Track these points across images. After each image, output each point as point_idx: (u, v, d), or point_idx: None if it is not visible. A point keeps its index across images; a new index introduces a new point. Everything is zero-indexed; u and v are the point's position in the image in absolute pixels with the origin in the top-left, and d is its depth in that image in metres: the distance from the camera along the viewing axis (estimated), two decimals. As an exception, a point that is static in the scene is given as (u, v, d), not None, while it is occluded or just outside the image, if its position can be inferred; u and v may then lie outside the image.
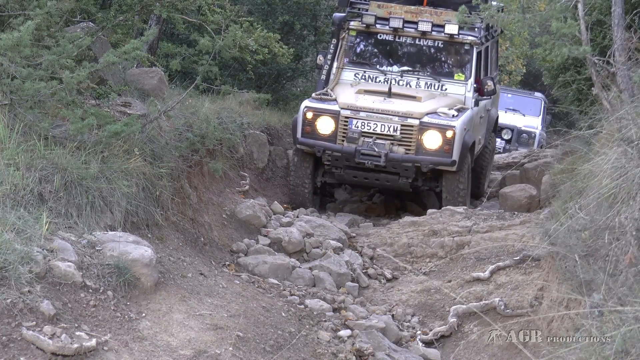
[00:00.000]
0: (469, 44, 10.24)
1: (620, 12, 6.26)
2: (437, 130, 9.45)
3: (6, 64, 5.88)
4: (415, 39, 10.34)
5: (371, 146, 9.40)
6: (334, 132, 9.58)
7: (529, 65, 24.68)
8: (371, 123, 9.49)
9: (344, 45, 10.43)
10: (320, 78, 10.39)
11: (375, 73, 10.31)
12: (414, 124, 9.44)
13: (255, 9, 15.01)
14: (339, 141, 9.54)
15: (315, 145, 9.59)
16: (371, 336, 6.43)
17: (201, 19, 9.10)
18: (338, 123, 9.58)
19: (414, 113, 9.50)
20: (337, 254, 8.12)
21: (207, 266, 6.91)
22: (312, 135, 9.63)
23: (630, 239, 4.37)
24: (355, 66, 10.39)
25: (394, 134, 9.45)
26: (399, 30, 10.29)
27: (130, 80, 8.39)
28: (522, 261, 7.37)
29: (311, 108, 9.73)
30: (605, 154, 5.13)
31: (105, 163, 6.32)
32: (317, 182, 10.07)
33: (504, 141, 17.12)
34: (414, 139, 9.44)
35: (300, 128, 9.67)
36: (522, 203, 9.99)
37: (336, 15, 10.63)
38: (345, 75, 10.35)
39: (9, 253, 4.75)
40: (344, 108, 9.61)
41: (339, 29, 10.44)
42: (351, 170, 9.66)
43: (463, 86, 10.18)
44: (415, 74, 10.24)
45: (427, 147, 9.46)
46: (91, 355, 4.66)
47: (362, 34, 10.49)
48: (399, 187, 9.81)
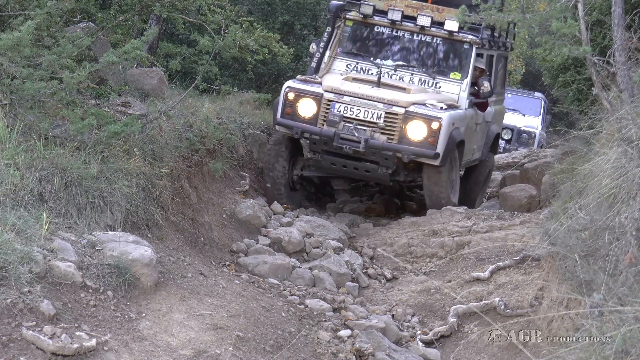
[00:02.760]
0: (469, 43, 9.83)
1: (620, 12, 6.26)
2: (423, 121, 8.98)
3: (6, 64, 5.88)
4: (413, 34, 9.95)
5: (351, 131, 8.99)
6: (315, 116, 9.15)
7: (529, 65, 24.68)
8: (354, 108, 9.06)
9: (339, 35, 10.03)
10: (310, 66, 10.00)
11: (368, 65, 9.89)
12: (399, 112, 9.01)
13: (255, 9, 15.03)
14: (320, 125, 9.12)
15: (294, 127, 9.15)
16: (371, 336, 6.43)
17: (201, 19, 9.12)
18: (320, 106, 9.15)
19: (400, 101, 9.08)
20: (337, 254, 8.12)
21: (207, 266, 6.91)
22: (293, 117, 9.21)
23: (630, 239, 4.37)
24: (348, 57, 9.99)
25: (377, 122, 9.02)
26: (397, 23, 9.90)
27: (130, 80, 8.39)
28: (522, 261, 7.37)
29: (293, 89, 9.32)
30: (605, 154, 5.13)
31: (105, 163, 6.32)
32: (294, 175, 9.71)
33: (504, 141, 17.12)
34: (397, 128, 9.01)
35: (280, 109, 9.26)
36: (522, 203, 9.99)
37: (333, 3, 10.22)
38: (337, 65, 9.97)
39: (9, 253, 4.75)
40: (328, 91, 9.20)
41: (334, 17, 10.05)
42: (329, 157, 9.22)
43: (458, 85, 9.76)
44: (410, 70, 9.85)
45: (411, 137, 9.00)
46: (91, 355, 4.66)
47: (359, 25, 10.07)
48: (378, 178, 9.40)
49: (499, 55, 10.94)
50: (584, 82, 8.93)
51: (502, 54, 11.17)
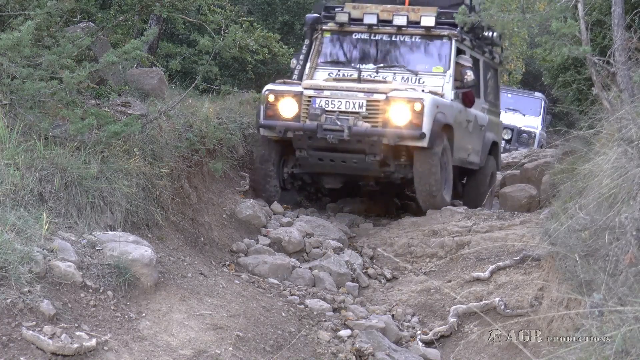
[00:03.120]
0: (447, 37, 9.70)
1: (620, 12, 6.26)
2: (405, 103, 8.81)
3: (6, 64, 5.88)
4: (392, 35, 9.86)
5: (334, 121, 8.82)
6: (298, 115, 9.04)
7: (529, 65, 24.68)
8: (335, 101, 8.94)
9: (317, 46, 10.01)
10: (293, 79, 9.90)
11: (350, 71, 9.75)
12: (380, 98, 8.85)
13: (255, 9, 15.03)
14: (302, 122, 9.01)
15: (277, 126, 9.05)
16: (371, 336, 6.43)
17: (201, 19, 9.12)
18: (301, 104, 9.04)
19: (381, 89, 8.98)
20: (337, 254, 8.12)
21: (207, 266, 6.91)
22: (275, 119, 9.11)
23: (630, 239, 4.37)
24: (329, 65, 9.94)
25: (360, 110, 8.85)
26: (374, 27, 9.82)
27: (130, 80, 8.39)
28: (522, 261, 7.37)
29: (273, 90, 9.23)
30: (605, 154, 5.13)
31: (105, 163, 6.32)
32: (285, 173, 9.55)
33: (504, 141, 17.13)
34: (380, 114, 8.83)
35: (262, 112, 9.15)
36: (522, 203, 10.00)
37: (308, 16, 10.23)
38: (318, 75, 9.87)
39: (9, 253, 4.75)
40: (307, 88, 9.12)
41: (311, 30, 10.05)
42: (315, 152, 9.07)
43: (441, 78, 9.61)
44: (391, 70, 9.71)
45: (395, 121, 8.81)
46: (91, 355, 4.66)
47: (336, 34, 10.03)
48: (367, 169, 9.12)
49: (486, 63, 10.83)
50: (584, 82, 8.93)
51: (490, 64, 11.07)
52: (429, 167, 8.94)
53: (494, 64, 11.30)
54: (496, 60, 11.32)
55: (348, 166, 9.14)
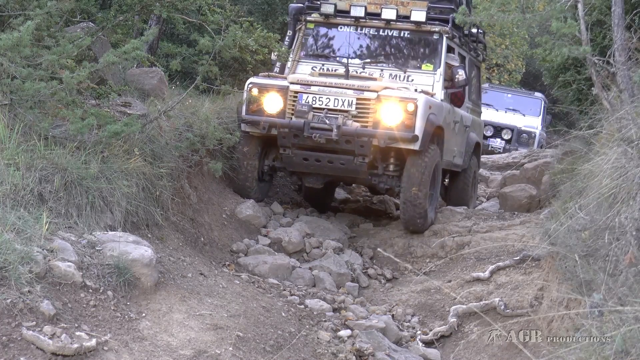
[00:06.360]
0: (438, 33, 9.26)
1: (620, 12, 6.26)
2: (397, 102, 8.30)
3: (6, 64, 5.88)
4: (379, 29, 9.42)
5: (322, 119, 8.33)
6: (283, 110, 8.53)
7: (529, 65, 24.69)
8: (323, 97, 8.42)
9: (300, 38, 9.56)
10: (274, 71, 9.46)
11: (335, 66, 9.32)
12: (371, 97, 8.34)
13: (255, 9, 15.01)
14: (288, 117, 8.52)
15: (261, 121, 8.53)
16: (371, 336, 6.43)
17: (201, 19, 9.09)
18: (287, 99, 8.53)
19: (372, 86, 8.45)
20: (337, 254, 8.12)
21: (207, 266, 6.91)
22: (258, 114, 8.62)
23: (630, 239, 4.37)
24: (312, 59, 9.51)
25: (349, 109, 8.36)
26: (361, 20, 9.40)
27: (130, 80, 8.39)
28: (522, 261, 7.38)
29: (256, 84, 8.69)
30: (605, 154, 5.13)
31: (105, 163, 6.32)
32: (265, 165, 9.07)
33: (504, 141, 17.14)
34: (371, 114, 8.34)
35: (245, 106, 8.66)
36: (522, 203, 10.01)
37: (292, 6, 9.73)
38: (301, 69, 9.43)
39: (9, 253, 4.75)
40: (294, 83, 8.60)
41: (295, 21, 9.60)
42: (300, 151, 8.55)
43: (431, 76, 9.17)
44: (379, 66, 9.29)
45: (386, 121, 8.31)
46: (91, 355, 4.65)
47: (321, 26, 9.59)
48: (355, 170, 8.57)
49: (471, 61, 10.52)
50: (584, 82, 8.94)
51: (474, 62, 10.78)
52: (419, 169, 8.45)
53: (477, 61, 11.00)
54: (480, 58, 11.06)
55: (334, 167, 8.62)
